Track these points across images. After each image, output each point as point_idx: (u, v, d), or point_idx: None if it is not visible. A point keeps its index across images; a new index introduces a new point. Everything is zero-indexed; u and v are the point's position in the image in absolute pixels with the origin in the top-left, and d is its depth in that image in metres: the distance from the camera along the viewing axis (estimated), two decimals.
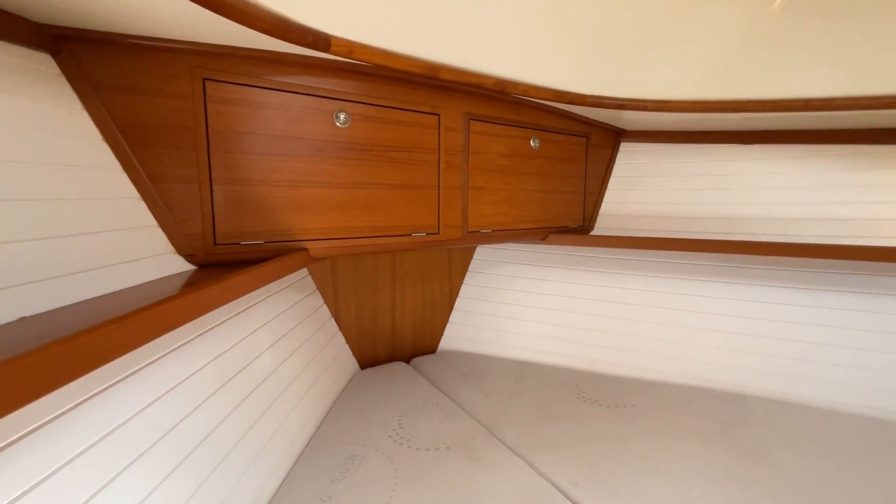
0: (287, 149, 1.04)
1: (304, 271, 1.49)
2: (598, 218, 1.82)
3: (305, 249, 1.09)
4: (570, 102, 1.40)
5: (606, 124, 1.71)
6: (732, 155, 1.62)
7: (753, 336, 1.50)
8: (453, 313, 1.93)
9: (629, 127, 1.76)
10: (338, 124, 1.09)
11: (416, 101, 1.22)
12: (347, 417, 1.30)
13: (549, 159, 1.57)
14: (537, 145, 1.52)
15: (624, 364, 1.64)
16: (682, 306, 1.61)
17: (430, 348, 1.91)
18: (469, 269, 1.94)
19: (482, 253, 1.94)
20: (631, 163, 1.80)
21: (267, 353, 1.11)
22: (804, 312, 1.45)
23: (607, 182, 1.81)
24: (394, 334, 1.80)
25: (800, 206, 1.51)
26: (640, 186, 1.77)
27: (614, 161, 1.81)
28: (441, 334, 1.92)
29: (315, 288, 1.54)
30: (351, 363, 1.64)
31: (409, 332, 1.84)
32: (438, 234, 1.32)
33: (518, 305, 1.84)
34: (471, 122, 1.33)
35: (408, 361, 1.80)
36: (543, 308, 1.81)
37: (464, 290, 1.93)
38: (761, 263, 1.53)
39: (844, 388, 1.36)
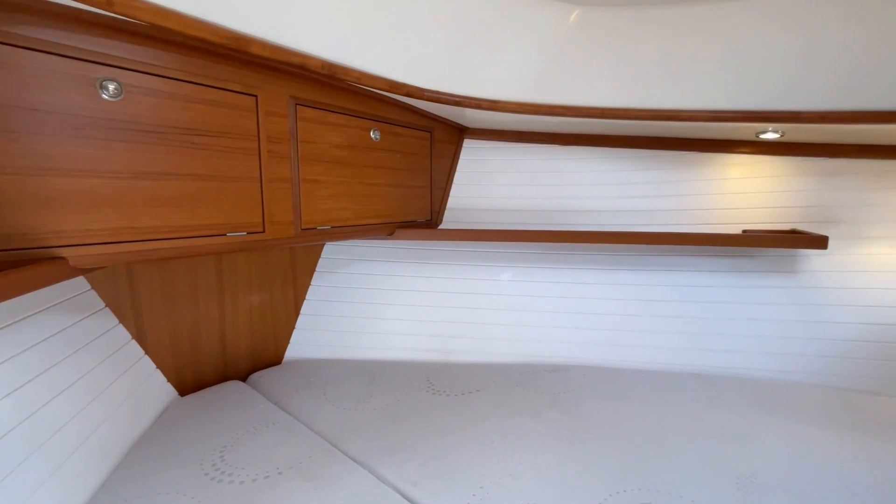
0: (21, 124, 0.77)
1: (84, 285, 1.17)
2: (446, 212, 1.86)
3: (62, 258, 0.83)
4: (408, 95, 1.37)
5: (449, 120, 1.75)
6: (557, 155, 1.82)
7: (575, 313, 1.71)
8: (300, 319, 1.76)
9: (471, 124, 1.83)
10: (105, 96, 0.85)
11: (225, 77, 1.03)
12: (147, 463, 1.06)
13: (392, 153, 1.53)
14: (378, 137, 1.46)
15: (473, 351, 1.72)
16: (520, 292, 1.75)
17: (274, 360, 1.71)
18: (316, 269, 1.80)
19: (331, 251, 1.81)
20: (474, 159, 1.88)
21: (6, 401, 0.82)
22: (614, 290, 1.71)
23: (453, 177, 1.86)
24: (225, 350, 1.56)
25: (612, 200, 1.77)
26: (484, 182, 1.87)
27: (459, 157, 1.87)
28: (286, 343, 1.74)
29: (103, 305, 1.22)
30: (164, 391, 1.36)
31: (244, 346, 1.61)
32: (264, 232, 1.16)
33: (371, 304, 1.78)
34: (298, 107, 1.20)
35: (244, 379, 1.58)
36: (396, 304, 1.78)
37: (311, 293, 1.78)
38: (584, 249, 1.75)
39: (643, 350, 1.65)
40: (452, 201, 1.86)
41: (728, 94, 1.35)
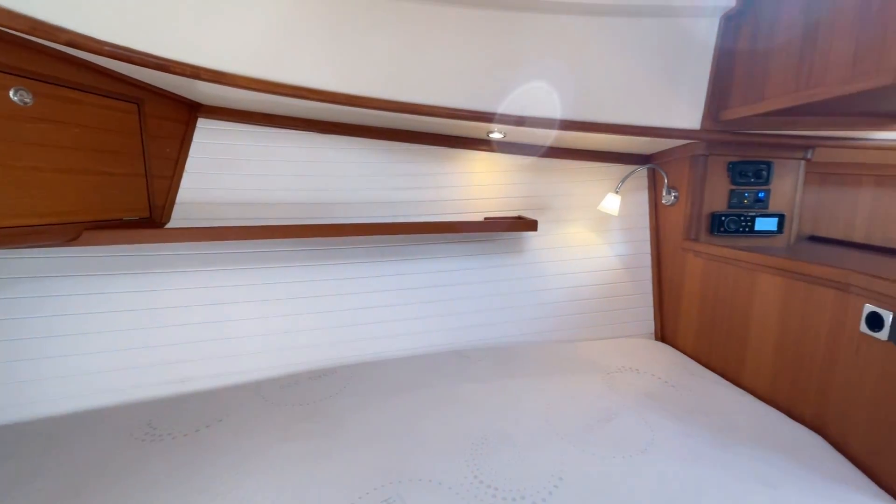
0: None
1: None
2: (177, 207, 1.50)
3: None
4: (69, 45, 0.99)
5: (170, 92, 1.40)
6: (315, 143, 1.68)
7: (339, 311, 1.63)
8: None
9: (206, 100, 1.51)
10: None
11: None
12: None
13: (62, 125, 1.11)
14: (28, 101, 1.02)
15: (221, 373, 1.44)
16: (274, 295, 1.56)
17: None
18: None
19: None
20: (215, 143, 1.57)
21: None
22: (375, 282, 1.70)
23: (184, 164, 1.51)
24: None
25: (373, 192, 1.74)
26: (230, 170, 1.58)
27: (191, 139, 1.53)
28: None
29: None
30: None
31: None
32: None
33: (53, 337, 1.28)
34: None
35: None
36: (104, 331, 1.34)
37: None
38: (343, 243, 1.68)
39: (407, 338, 1.70)
40: (186, 193, 1.52)
41: (463, 94, 1.47)
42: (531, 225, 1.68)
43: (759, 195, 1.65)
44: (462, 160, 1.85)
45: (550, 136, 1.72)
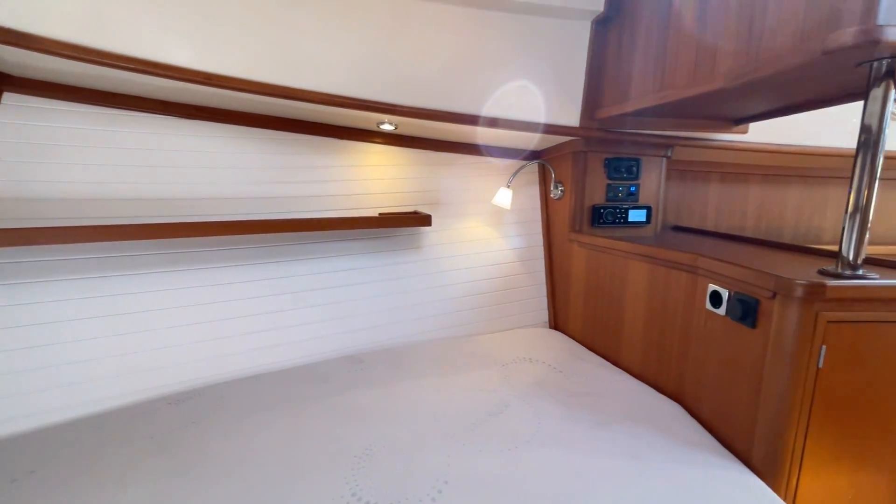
0: None
1: None
2: None
3: None
4: None
5: None
6: (172, 129, 1.45)
7: (209, 322, 1.44)
8: None
9: (15, 71, 1.21)
10: None
11: None
12: None
13: None
14: None
15: (52, 408, 1.17)
16: (128, 309, 1.32)
17: None
18: None
19: None
20: (35, 125, 1.27)
21: None
22: (256, 287, 1.52)
23: None
24: None
25: (247, 186, 1.56)
26: (55, 159, 1.29)
27: None
28: None
29: None
30: None
31: None
32: None
33: None
34: None
35: None
36: None
37: None
38: (220, 244, 1.48)
39: (293, 346, 1.55)
40: None
41: (344, 81, 1.36)
42: (425, 220, 1.64)
43: (631, 189, 1.80)
44: (355, 153, 1.75)
45: (444, 130, 1.70)
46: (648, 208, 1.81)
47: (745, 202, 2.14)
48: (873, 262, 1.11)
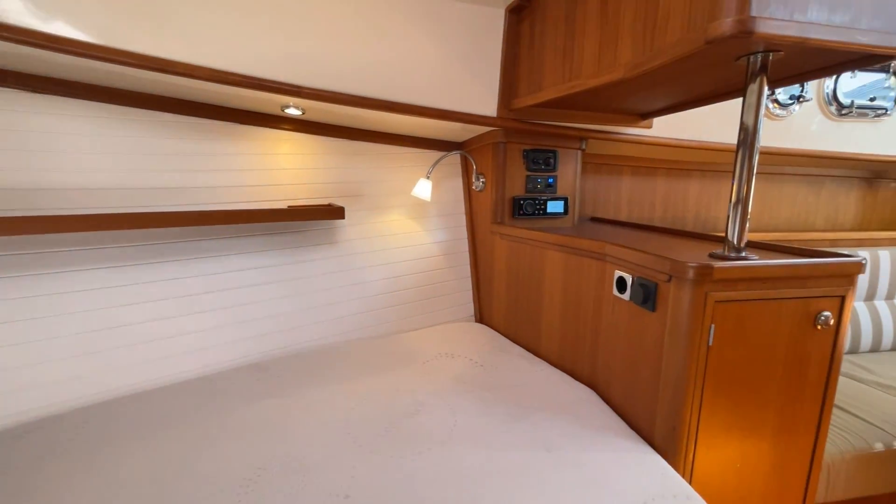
0: None
1: None
2: None
3: None
4: None
5: None
6: (23, 105, 1.21)
7: (83, 332, 1.22)
8: None
9: None
10: None
11: None
12: None
13: None
14: None
15: None
16: None
17: None
18: None
19: None
20: None
21: None
22: (142, 291, 1.32)
23: None
24: None
25: (123, 175, 1.34)
26: None
27: None
28: None
29: None
30: None
31: None
32: None
33: None
34: None
35: None
36: None
37: None
38: (86, 244, 1.25)
39: (187, 357, 1.37)
40: None
41: (233, 56, 1.21)
42: (338, 212, 1.53)
43: (549, 181, 1.82)
44: (261, 140, 1.59)
45: (360, 118, 1.59)
46: (565, 199, 1.85)
47: (653, 194, 2.27)
48: (756, 246, 1.19)
